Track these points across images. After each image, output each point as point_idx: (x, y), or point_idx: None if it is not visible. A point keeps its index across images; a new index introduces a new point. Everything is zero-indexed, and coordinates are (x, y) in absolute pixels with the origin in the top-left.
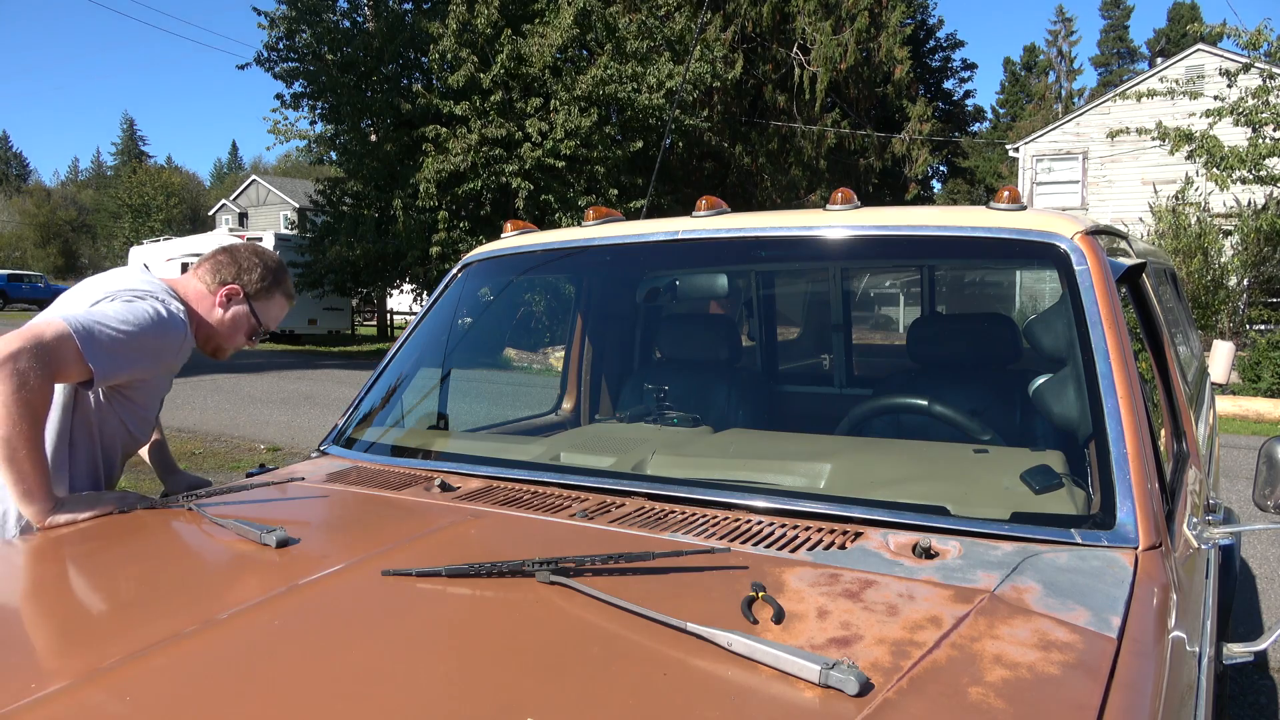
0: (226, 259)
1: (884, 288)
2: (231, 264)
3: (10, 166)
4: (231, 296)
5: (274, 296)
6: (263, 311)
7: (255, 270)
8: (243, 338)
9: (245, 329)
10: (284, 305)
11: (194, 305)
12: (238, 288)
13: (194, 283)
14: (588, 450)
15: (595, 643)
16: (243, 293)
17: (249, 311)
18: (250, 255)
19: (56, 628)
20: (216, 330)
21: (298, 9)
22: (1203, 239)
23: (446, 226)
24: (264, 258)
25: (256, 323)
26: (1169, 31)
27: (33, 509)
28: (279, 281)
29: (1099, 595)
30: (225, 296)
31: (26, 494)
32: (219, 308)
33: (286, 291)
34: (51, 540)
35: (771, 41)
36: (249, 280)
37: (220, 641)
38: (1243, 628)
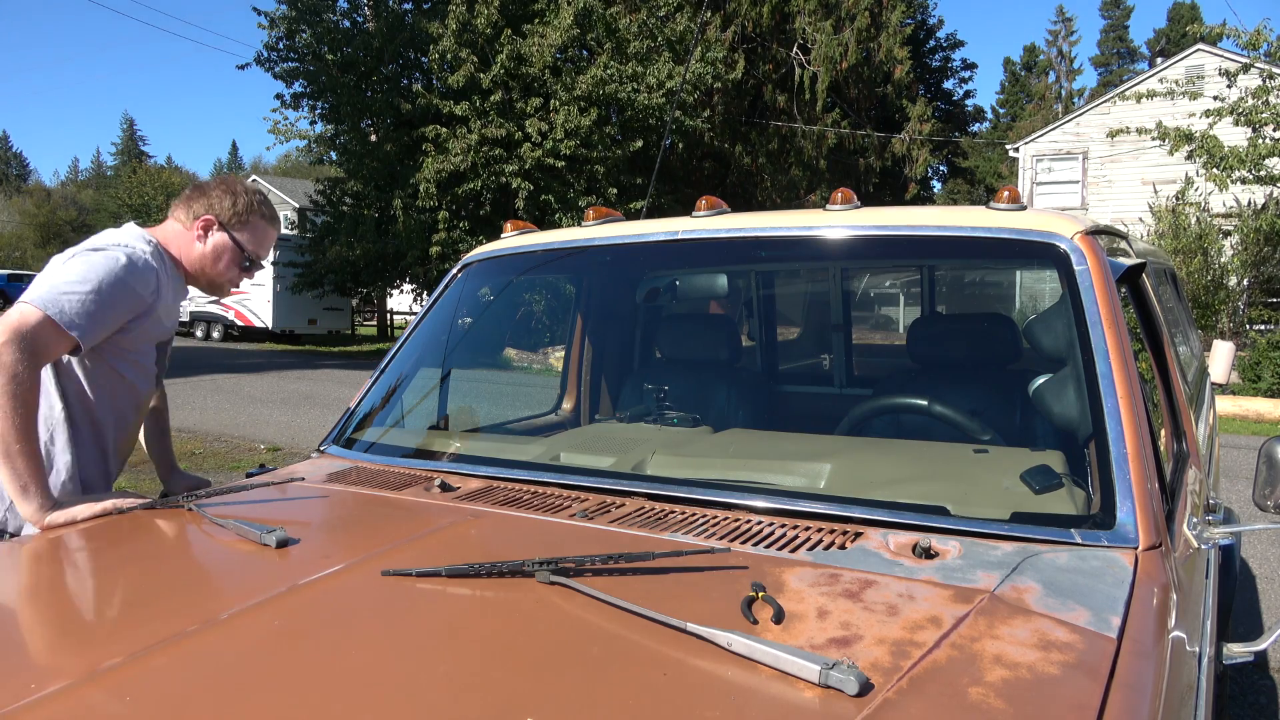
0: (196, 193)
1: (884, 288)
2: (201, 197)
3: (10, 166)
4: (207, 227)
5: (252, 222)
6: (243, 238)
7: (226, 199)
8: (233, 268)
9: (229, 258)
10: (266, 230)
11: (175, 245)
12: (211, 217)
13: (171, 224)
14: (588, 450)
15: (595, 643)
16: (217, 221)
17: (229, 240)
18: (219, 185)
19: (56, 628)
20: (202, 265)
21: (298, 9)
22: (1203, 239)
23: (446, 226)
24: (232, 186)
25: (239, 250)
26: (1169, 31)
27: (30, 507)
28: (253, 207)
29: (1099, 595)
30: (201, 229)
31: (23, 490)
32: (198, 241)
33: (264, 215)
34: (51, 540)
35: (771, 41)
36: (221, 208)
37: (220, 641)
38: (1243, 628)
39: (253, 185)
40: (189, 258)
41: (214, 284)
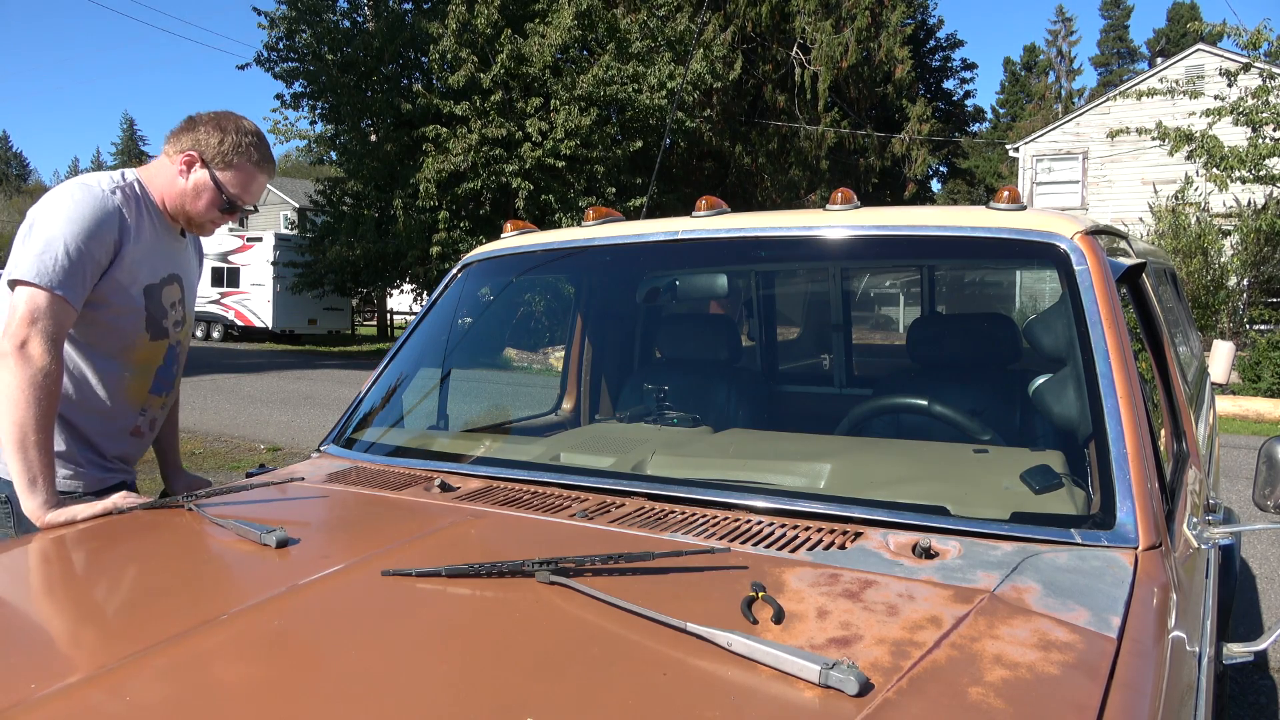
0: (185, 126)
1: (884, 288)
2: (189, 131)
3: (10, 166)
4: (190, 163)
5: (238, 164)
6: (225, 179)
7: (213, 135)
8: (211, 209)
9: (209, 198)
10: (253, 174)
11: (158, 182)
12: (194, 154)
13: (159, 160)
14: (588, 450)
15: (595, 643)
16: (200, 159)
17: (210, 179)
18: (209, 120)
19: (56, 627)
20: (180, 201)
21: (298, 9)
22: (1203, 239)
23: (446, 226)
24: (224, 122)
25: (219, 192)
26: (1169, 31)
27: (34, 502)
28: (241, 148)
29: (1099, 595)
30: (184, 164)
31: (30, 484)
32: (180, 176)
33: (254, 159)
34: (51, 540)
35: (771, 41)
36: (206, 146)
37: (220, 641)
38: (1243, 628)
39: (250, 124)
40: (170, 193)
41: (190, 219)
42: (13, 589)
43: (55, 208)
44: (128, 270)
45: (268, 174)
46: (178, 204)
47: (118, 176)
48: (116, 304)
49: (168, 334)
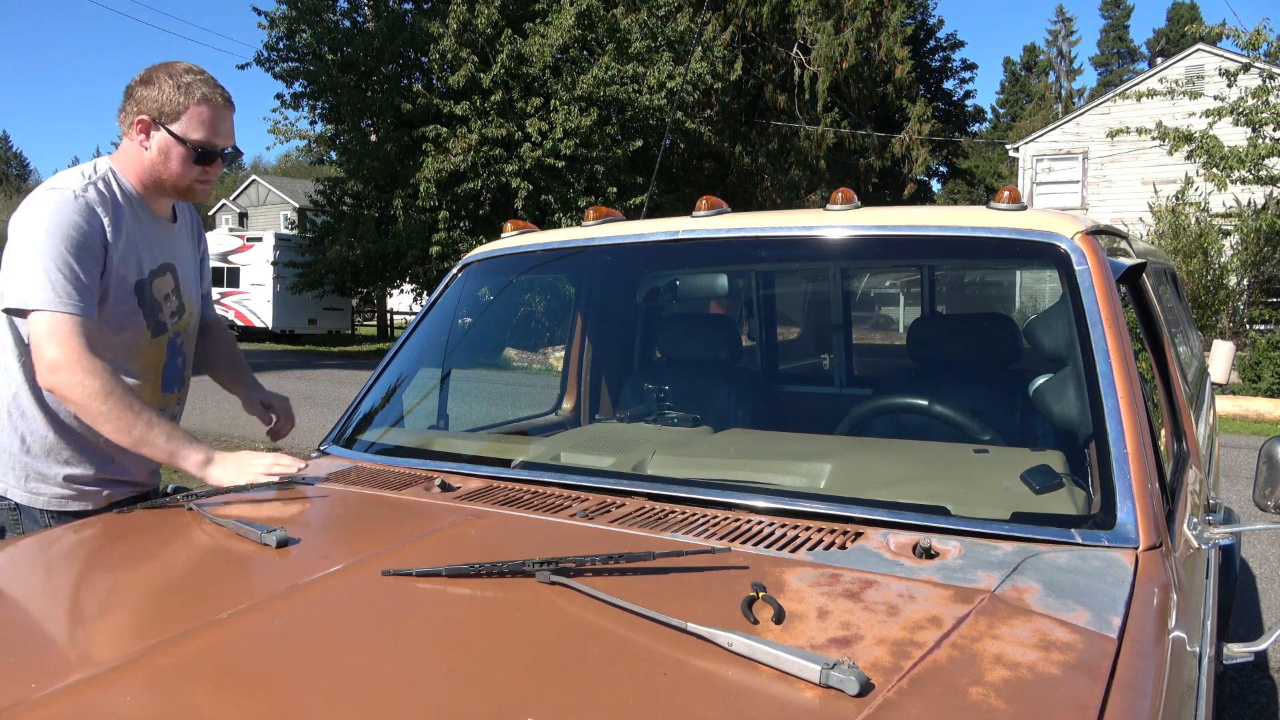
0: (125, 96)
1: (884, 288)
2: (130, 100)
3: (10, 166)
4: (145, 129)
5: (190, 108)
6: (181, 129)
7: (151, 91)
8: (187, 166)
9: (178, 155)
10: (206, 112)
11: (129, 159)
12: (145, 118)
13: (124, 142)
14: (588, 450)
15: (595, 643)
16: (151, 120)
17: (169, 136)
18: (142, 81)
19: (56, 627)
20: (155, 172)
21: (298, 9)
22: (1203, 239)
23: (446, 226)
24: (157, 76)
25: (182, 144)
26: (1169, 31)
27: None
28: (183, 89)
29: (1099, 595)
30: (140, 132)
31: (171, 458)
32: (142, 148)
33: (201, 96)
34: (51, 540)
35: (771, 41)
36: (149, 104)
37: (220, 641)
38: (1243, 628)
39: (185, 64)
40: (140, 170)
41: (179, 189)
42: (13, 589)
43: (30, 224)
44: (114, 270)
45: (222, 104)
46: (153, 177)
47: (89, 170)
48: (110, 307)
49: (166, 328)
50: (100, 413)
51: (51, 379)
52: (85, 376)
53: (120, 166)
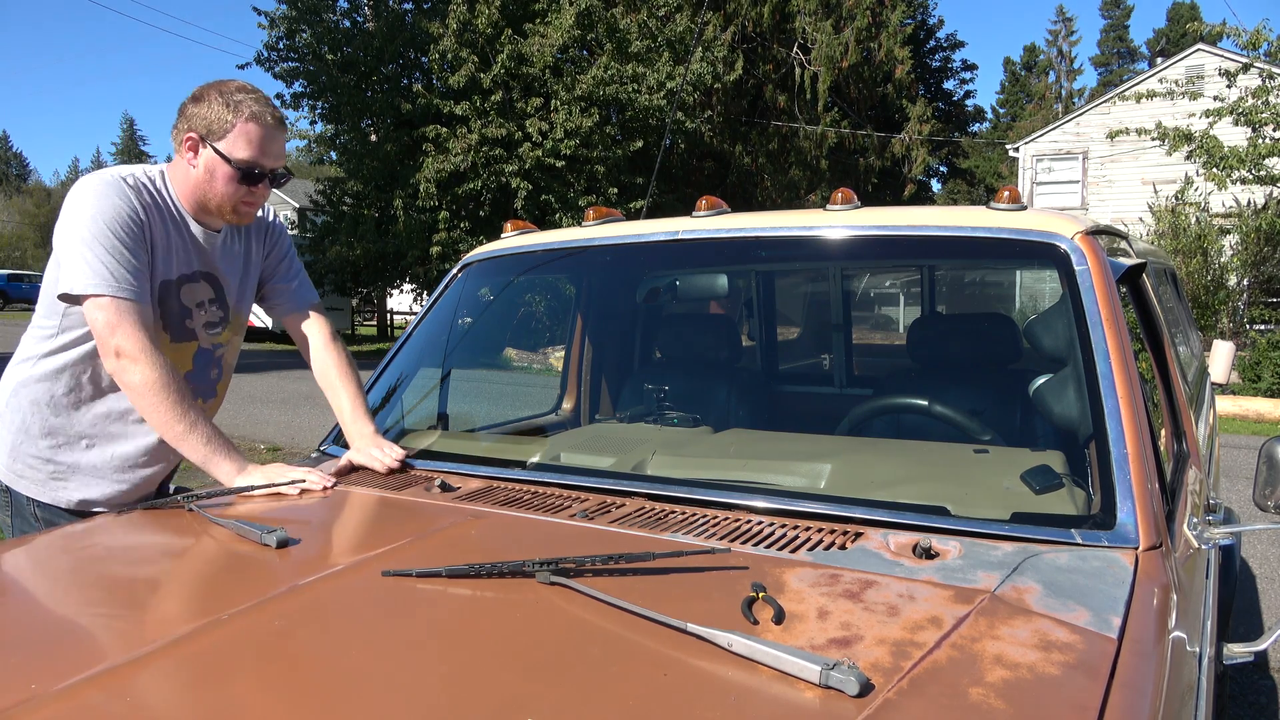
0: (177, 117)
1: (884, 288)
2: (181, 118)
3: (10, 166)
4: (193, 147)
5: (238, 126)
6: (227, 146)
7: (199, 109)
8: (232, 185)
9: (223, 174)
10: (254, 129)
11: (179, 177)
12: (193, 135)
13: (176, 158)
14: (588, 450)
15: (595, 643)
16: (198, 136)
17: (215, 154)
18: (194, 98)
19: (57, 628)
20: (200, 191)
21: (298, 9)
22: (1202, 239)
23: (446, 226)
24: (205, 92)
25: (227, 162)
26: (1169, 31)
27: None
28: (234, 107)
29: (1099, 595)
30: (189, 150)
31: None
32: (191, 166)
33: (249, 114)
34: (51, 540)
35: (772, 41)
36: (199, 121)
37: (220, 642)
38: (1243, 628)
39: (237, 81)
40: (188, 188)
41: (223, 209)
42: (13, 589)
43: (83, 209)
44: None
45: (272, 124)
46: (199, 195)
47: (140, 172)
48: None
49: (195, 335)
50: (151, 404)
51: (117, 365)
52: (148, 368)
53: (171, 180)
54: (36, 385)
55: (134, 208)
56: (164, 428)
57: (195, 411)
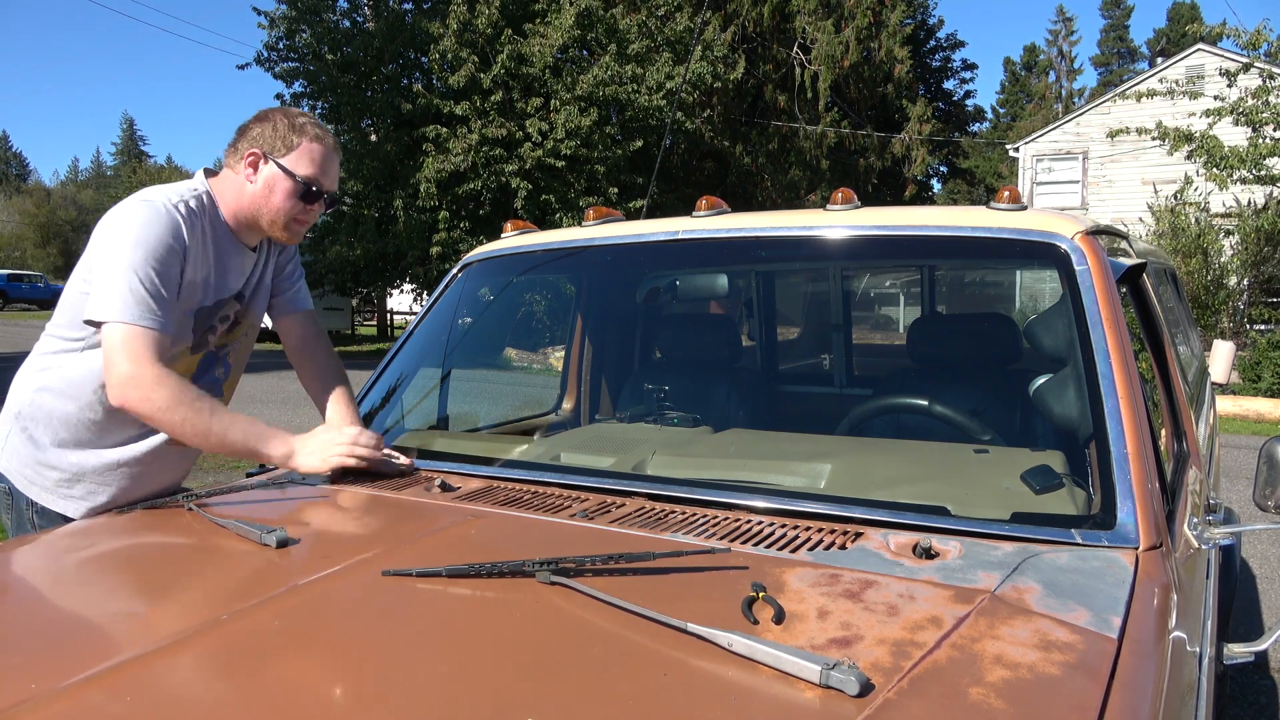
0: (238, 134)
1: (884, 288)
2: (242, 135)
3: (10, 166)
4: (254, 162)
5: (299, 143)
6: (290, 162)
7: (265, 127)
8: (290, 200)
9: (282, 189)
10: (317, 150)
11: (229, 191)
12: (256, 150)
13: (225, 172)
14: (588, 450)
15: (595, 643)
16: (260, 153)
17: (277, 169)
18: (257, 118)
19: (56, 627)
20: (255, 204)
21: (298, 9)
22: (1202, 239)
23: (446, 226)
24: (271, 114)
25: (290, 176)
26: (1169, 31)
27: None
28: (297, 128)
29: (1099, 595)
30: (249, 165)
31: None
32: (248, 181)
33: (312, 135)
34: (51, 540)
35: (772, 41)
36: (263, 138)
37: (220, 642)
38: (1243, 628)
39: (298, 110)
40: (241, 202)
41: (276, 224)
42: (13, 589)
43: (117, 233)
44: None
45: (333, 148)
46: (252, 209)
47: (185, 189)
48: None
49: (207, 344)
50: (173, 424)
51: (122, 394)
52: (152, 390)
53: (218, 195)
54: (54, 396)
55: (175, 235)
56: (199, 438)
57: (220, 409)
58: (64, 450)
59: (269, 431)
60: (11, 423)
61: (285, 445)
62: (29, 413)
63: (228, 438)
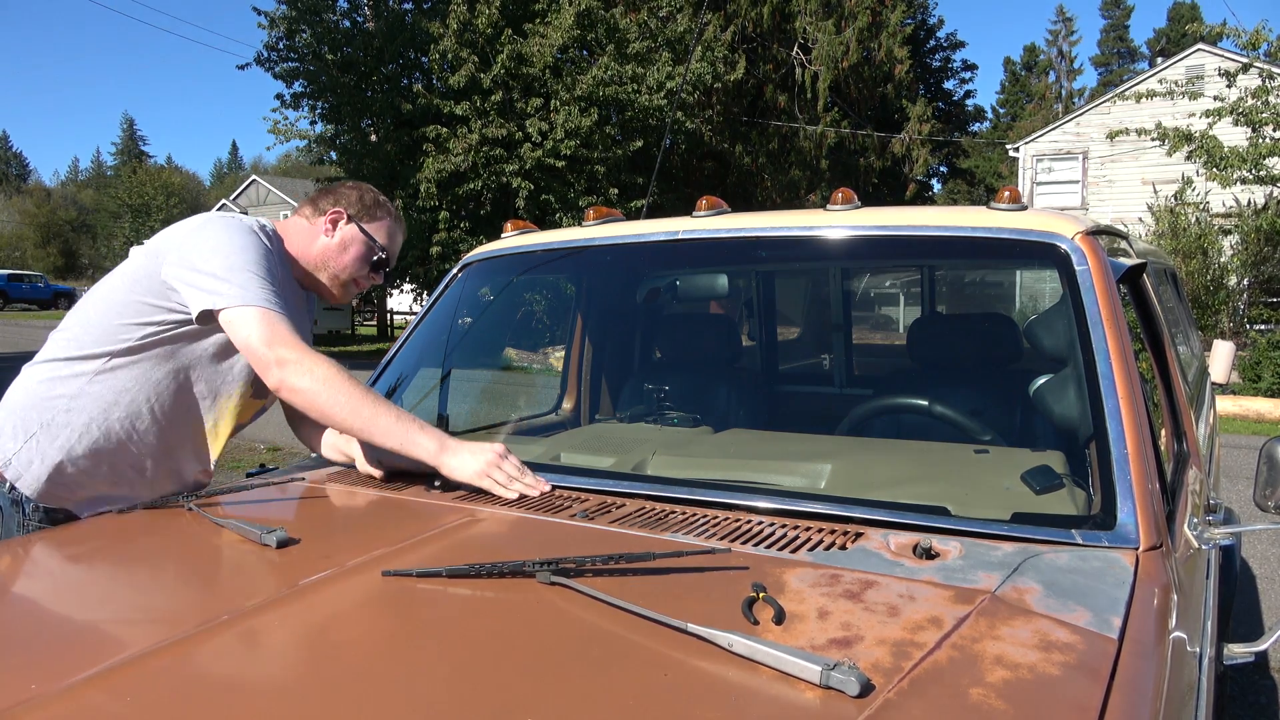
0: (323, 192)
1: (884, 288)
2: (329, 194)
3: (10, 166)
4: (336, 220)
5: (381, 219)
6: (373, 229)
7: (353, 194)
8: (360, 263)
9: (356, 250)
10: (394, 229)
11: (296, 241)
12: (340, 209)
13: (295, 220)
14: (588, 450)
15: (595, 643)
16: (346, 214)
17: (359, 231)
18: (346, 184)
19: (57, 628)
20: (325, 257)
21: (298, 9)
22: (1202, 239)
23: (447, 226)
24: (361, 186)
25: (370, 242)
26: (1169, 31)
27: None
28: (381, 204)
29: (1100, 596)
30: (329, 222)
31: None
32: (324, 235)
33: (392, 215)
34: (51, 540)
35: (772, 41)
36: (349, 202)
37: (221, 642)
38: (1243, 628)
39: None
40: (310, 252)
41: (337, 279)
42: (13, 589)
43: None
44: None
45: (403, 233)
46: (320, 260)
47: (263, 229)
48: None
49: (265, 394)
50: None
51: (281, 375)
52: (315, 364)
53: (284, 236)
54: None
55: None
56: (350, 418)
57: (374, 396)
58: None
59: (423, 425)
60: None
61: (437, 441)
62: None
63: (377, 420)
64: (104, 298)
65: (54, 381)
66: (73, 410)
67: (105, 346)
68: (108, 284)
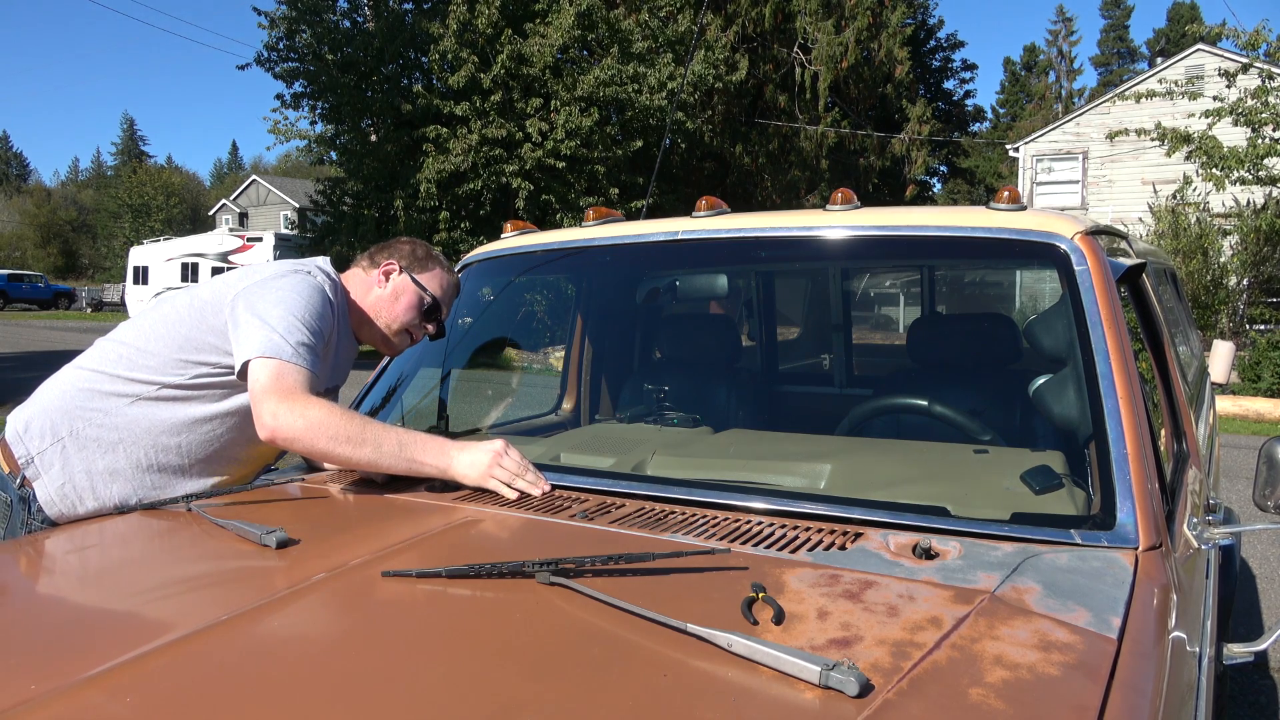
0: (379, 247)
1: (884, 288)
2: (385, 249)
3: (10, 166)
4: (389, 272)
5: (432, 268)
6: (424, 279)
7: (406, 247)
8: (412, 312)
9: (408, 299)
10: (446, 278)
11: (357, 288)
12: (394, 262)
13: (354, 272)
14: (588, 450)
15: (595, 644)
16: (399, 266)
17: (410, 281)
18: (401, 239)
19: (57, 628)
20: (378, 306)
21: (298, 9)
22: (1202, 239)
23: (447, 226)
24: (414, 241)
25: (421, 291)
26: (1169, 31)
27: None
28: (433, 255)
29: (1099, 596)
30: (383, 274)
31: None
32: (378, 286)
33: (445, 265)
34: (52, 540)
35: (772, 41)
36: (402, 255)
37: (220, 642)
38: (1243, 628)
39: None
40: (366, 300)
41: (389, 327)
42: (13, 589)
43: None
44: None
45: (457, 285)
46: (374, 309)
47: (322, 275)
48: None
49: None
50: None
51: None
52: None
53: (349, 290)
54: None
55: (331, 317)
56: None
57: (369, 425)
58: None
59: (426, 440)
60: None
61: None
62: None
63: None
64: (170, 322)
65: (93, 394)
66: (105, 427)
67: (157, 376)
68: (174, 307)
